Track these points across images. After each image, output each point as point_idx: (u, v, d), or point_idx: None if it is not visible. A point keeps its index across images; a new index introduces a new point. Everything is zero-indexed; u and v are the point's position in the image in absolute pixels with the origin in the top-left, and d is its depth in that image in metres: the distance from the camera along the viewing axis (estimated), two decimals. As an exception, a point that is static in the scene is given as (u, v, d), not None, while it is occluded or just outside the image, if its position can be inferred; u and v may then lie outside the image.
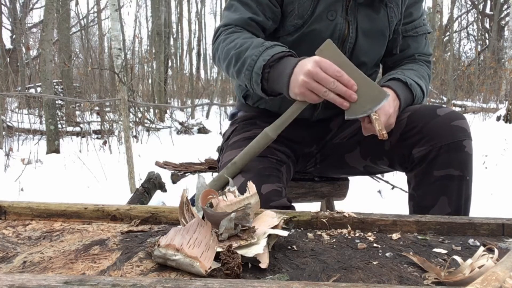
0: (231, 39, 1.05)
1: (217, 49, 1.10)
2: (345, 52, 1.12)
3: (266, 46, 0.97)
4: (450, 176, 0.97)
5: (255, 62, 0.96)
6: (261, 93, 1.00)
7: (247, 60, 0.98)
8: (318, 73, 0.88)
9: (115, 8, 3.80)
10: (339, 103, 0.90)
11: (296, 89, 0.91)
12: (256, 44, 0.99)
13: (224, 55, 1.06)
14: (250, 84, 1.00)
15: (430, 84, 1.20)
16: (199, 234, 0.58)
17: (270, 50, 0.96)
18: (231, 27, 1.09)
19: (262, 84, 0.98)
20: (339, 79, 0.88)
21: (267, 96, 1.01)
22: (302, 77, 0.89)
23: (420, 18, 1.20)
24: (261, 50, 0.96)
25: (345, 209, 0.78)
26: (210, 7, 35.34)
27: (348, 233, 0.72)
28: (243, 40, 1.02)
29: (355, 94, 0.90)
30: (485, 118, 8.07)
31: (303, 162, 1.27)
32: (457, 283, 0.51)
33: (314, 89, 0.89)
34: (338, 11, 1.08)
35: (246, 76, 0.99)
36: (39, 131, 6.15)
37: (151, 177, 2.70)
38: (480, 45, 15.97)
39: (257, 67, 0.96)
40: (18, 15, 11.53)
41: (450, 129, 0.97)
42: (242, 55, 0.99)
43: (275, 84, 0.97)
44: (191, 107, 9.28)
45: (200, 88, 13.34)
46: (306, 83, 0.89)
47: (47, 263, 0.58)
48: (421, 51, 1.21)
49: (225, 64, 1.07)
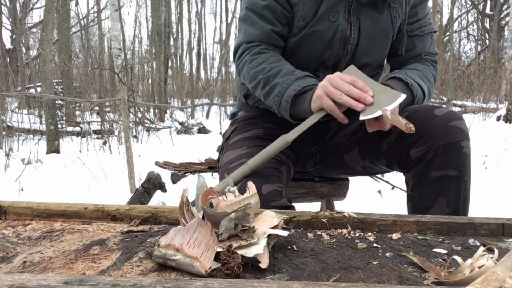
0: (257, 61, 1.09)
1: (242, 68, 1.13)
2: (347, 53, 1.11)
3: (297, 76, 1.02)
4: (448, 177, 0.96)
5: (285, 90, 1.01)
6: (289, 119, 1.05)
7: (277, 87, 1.03)
8: (335, 78, 0.94)
9: (115, 8, 3.80)
10: (354, 105, 0.92)
11: (314, 95, 0.96)
12: (286, 71, 1.04)
13: (250, 76, 1.10)
14: (278, 109, 1.05)
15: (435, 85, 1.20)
16: (199, 234, 0.58)
17: (301, 81, 1.01)
18: (255, 46, 1.12)
19: (290, 110, 1.03)
20: (354, 84, 0.93)
21: (294, 121, 1.05)
22: (322, 82, 0.95)
23: (425, 17, 1.19)
24: (292, 79, 1.02)
25: (345, 209, 0.78)
26: (210, 7, 35.39)
27: (348, 233, 0.72)
28: (271, 65, 1.06)
29: (370, 97, 0.92)
30: (485, 118, 8.07)
31: (303, 162, 1.27)
32: (457, 283, 0.51)
33: (330, 93, 0.93)
34: (340, 12, 1.08)
35: (275, 102, 1.04)
36: (39, 131, 6.15)
37: (151, 177, 2.70)
38: (480, 45, 15.98)
39: (287, 95, 1.00)
40: (18, 15, 11.53)
41: (447, 129, 0.97)
42: (270, 81, 1.04)
43: (300, 108, 1.01)
44: (191, 107, 9.28)
45: (200, 88, 13.34)
46: (324, 86, 0.94)
47: (47, 263, 0.58)
48: (427, 50, 1.20)
49: (252, 85, 1.11)
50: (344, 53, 1.12)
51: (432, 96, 1.26)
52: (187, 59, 16.55)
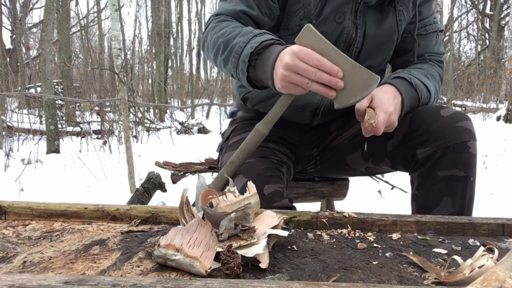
0: (220, 26, 1.01)
1: (206, 37, 1.06)
2: (351, 56, 1.09)
3: (255, 33, 0.92)
4: (455, 177, 0.96)
5: (242, 49, 0.91)
6: (246, 84, 0.95)
7: (235, 47, 0.92)
8: (296, 64, 0.82)
9: (115, 8, 3.80)
10: (325, 93, 0.84)
11: (278, 84, 0.86)
12: (245, 31, 0.94)
13: (212, 43, 1.01)
14: (236, 73, 0.95)
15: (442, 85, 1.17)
16: (199, 234, 0.58)
17: (259, 37, 0.91)
18: (222, 16, 1.06)
19: (248, 73, 0.92)
20: (321, 68, 0.81)
21: (253, 87, 0.96)
22: (281, 70, 0.84)
23: (430, 16, 1.16)
24: (249, 37, 0.91)
25: (345, 209, 0.78)
26: (210, 7, 35.28)
27: (348, 233, 0.72)
28: (233, 29, 0.97)
29: (341, 81, 0.82)
30: (485, 118, 8.07)
31: (303, 163, 1.26)
32: (457, 283, 0.51)
33: (295, 82, 0.83)
34: (346, 13, 1.05)
35: (233, 64, 0.93)
36: (39, 131, 6.15)
37: (151, 177, 2.70)
38: (480, 45, 15.97)
39: (244, 54, 0.90)
40: (18, 15, 11.52)
41: (455, 130, 0.97)
42: (230, 43, 0.94)
43: (261, 73, 0.91)
44: (191, 107, 9.28)
45: (200, 88, 13.34)
46: (286, 76, 0.83)
47: (47, 263, 0.58)
48: (431, 50, 1.18)
49: (213, 53, 1.01)
50: (347, 56, 1.10)
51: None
52: (187, 59, 16.58)
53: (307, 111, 1.16)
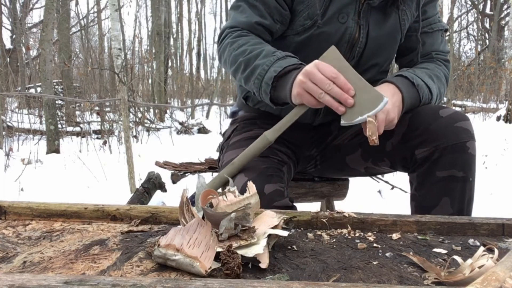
0: (238, 43, 1.04)
1: (223, 52, 1.09)
2: (354, 56, 1.09)
3: (277, 57, 0.96)
4: (454, 177, 0.96)
5: (265, 72, 0.96)
6: (269, 103, 1.00)
7: (257, 69, 0.98)
8: (314, 73, 0.87)
9: (115, 8, 3.80)
10: (335, 107, 0.88)
11: (294, 90, 0.91)
12: (266, 52, 0.98)
13: (231, 60, 1.05)
14: (259, 93, 1.00)
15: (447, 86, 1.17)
16: (199, 234, 0.58)
17: (282, 62, 0.95)
18: (237, 30, 1.08)
19: (270, 94, 0.98)
20: (335, 81, 0.86)
21: (274, 105, 1.01)
22: (300, 77, 0.89)
23: (435, 15, 1.17)
24: (272, 60, 0.96)
25: (345, 209, 0.78)
26: (210, 7, 35.40)
27: (348, 233, 0.72)
28: (252, 47, 1.01)
29: (351, 98, 0.87)
30: (485, 118, 8.07)
31: (304, 163, 1.26)
32: (457, 283, 0.51)
33: (310, 90, 0.88)
34: (350, 14, 1.05)
35: (255, 85, 0.99)
36: (39, 131, 6.15)
37: (151, 177, 2.70)
38: (480, 45, 15.97)
39: (268, 77, 0.95)
40: (18, 15, 11.53)
41: (454, 130, 0.97)
42: (251, 62, 0.99)
43: (281, 92, 0.96)
44: (191, 107, 9.28)
45: (200, 88, 13.35)
46: (303, 82, 0.88)
47: (47, 263, 0.58)
48: (437, 48, 1.18)
49: (233, 69, 1.06)
50: (350, 56, 1.09)
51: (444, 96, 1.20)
52: (187, 59, 16.59)
53: (309, 109, 1.16)
